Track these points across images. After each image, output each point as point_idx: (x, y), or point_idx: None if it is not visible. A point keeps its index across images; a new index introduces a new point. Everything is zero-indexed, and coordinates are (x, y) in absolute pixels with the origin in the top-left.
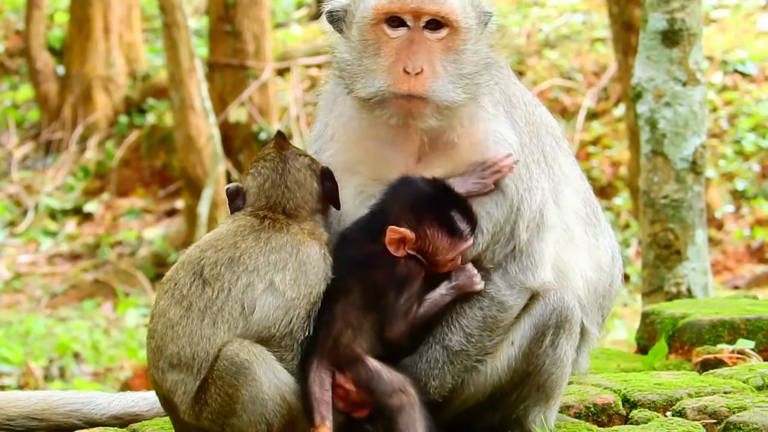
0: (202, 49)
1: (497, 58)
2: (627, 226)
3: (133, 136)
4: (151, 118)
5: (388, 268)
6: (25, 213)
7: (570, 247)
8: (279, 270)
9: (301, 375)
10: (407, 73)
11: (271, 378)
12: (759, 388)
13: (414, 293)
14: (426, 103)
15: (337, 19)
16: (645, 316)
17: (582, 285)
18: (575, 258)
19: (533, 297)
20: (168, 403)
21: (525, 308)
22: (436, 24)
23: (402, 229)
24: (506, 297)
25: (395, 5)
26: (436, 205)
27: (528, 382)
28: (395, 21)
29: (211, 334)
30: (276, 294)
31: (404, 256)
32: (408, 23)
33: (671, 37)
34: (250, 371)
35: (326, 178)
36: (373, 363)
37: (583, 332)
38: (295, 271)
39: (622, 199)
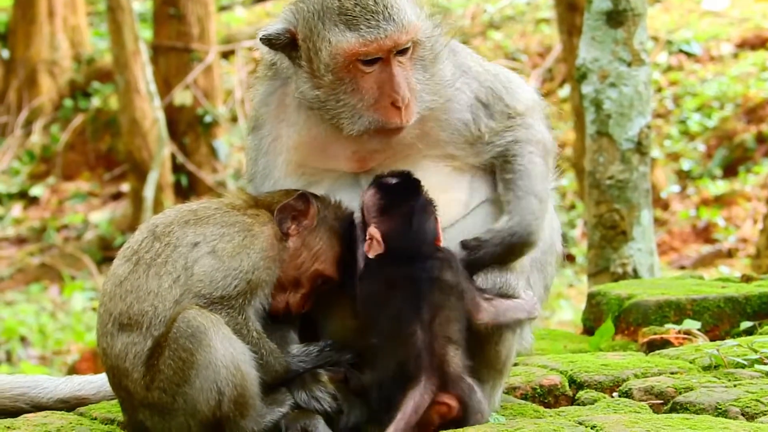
0: (146, 33)
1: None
2: (572, 206)
3: (78, 119)
4: (96, 102)
5: (449, 266)
6: None
7: None
8: (224, 242)
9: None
10: (397, 107)
11: (226, 346)
12: (705, 368)
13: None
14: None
15: (283, 46)
16: (591, 297)
17: None
18: None
19: None
20: (117, 375)
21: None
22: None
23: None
24: None
25: (372, 48)
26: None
27: (474, 357)
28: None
29: (157, 287)
30: (216, 258)
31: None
32: (381, 56)
33: (616, 17)
34: (206, 336)
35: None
36: (469, 379)
37: None
38: (238, 246)
39: (567, 180)
